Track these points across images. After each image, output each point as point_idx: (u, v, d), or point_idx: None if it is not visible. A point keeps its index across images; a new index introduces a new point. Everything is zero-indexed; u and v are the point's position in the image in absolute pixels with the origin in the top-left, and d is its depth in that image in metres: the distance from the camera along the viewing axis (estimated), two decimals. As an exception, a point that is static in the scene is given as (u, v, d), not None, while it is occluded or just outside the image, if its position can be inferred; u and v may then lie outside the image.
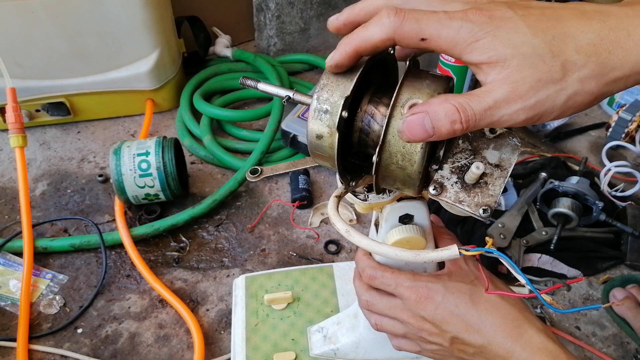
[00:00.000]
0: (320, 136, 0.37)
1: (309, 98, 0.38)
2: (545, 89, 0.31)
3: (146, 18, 0.95)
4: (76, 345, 0.70)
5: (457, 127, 0.32)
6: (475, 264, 0.48)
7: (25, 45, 0.92)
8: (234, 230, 0.87)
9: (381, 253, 0.41)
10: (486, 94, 0.32)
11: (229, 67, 1.16)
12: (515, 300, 0.46)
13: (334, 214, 0.43)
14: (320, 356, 0.63)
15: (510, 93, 0.31)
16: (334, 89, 0.36)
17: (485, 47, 0.31)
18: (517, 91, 0.31)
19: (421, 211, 0.48)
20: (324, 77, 0.37)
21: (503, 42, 0.31)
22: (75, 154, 1.00)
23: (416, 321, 0.47)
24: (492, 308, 0.44)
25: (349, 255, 0.83)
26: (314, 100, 0.37)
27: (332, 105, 0.36)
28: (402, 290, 0.47)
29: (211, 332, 0.72)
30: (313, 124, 0.37)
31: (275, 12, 1.19)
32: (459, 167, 0.39)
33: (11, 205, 0.89)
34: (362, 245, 0.42)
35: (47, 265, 0.80)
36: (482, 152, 0.39)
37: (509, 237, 0.79)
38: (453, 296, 0.45)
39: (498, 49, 0.31)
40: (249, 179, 0.45)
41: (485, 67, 0.32)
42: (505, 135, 0.38)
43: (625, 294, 0.74)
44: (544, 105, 0.31)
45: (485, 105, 0.31)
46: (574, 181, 0.85)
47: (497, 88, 0.31)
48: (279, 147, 1.00)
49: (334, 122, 0.36)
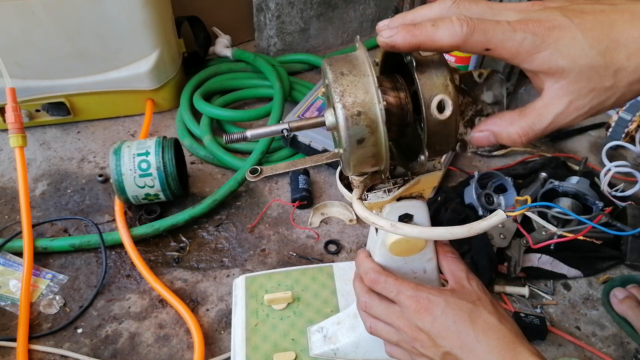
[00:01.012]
0: (362, 139, 0.38)
1: (314, 119, 0.39)
2: (597, 97, 0.34)
3: (146, 18, 0.95)
4: (76, 345, 0.70)
5: (518, 143, 0.37)
6: (479, 285, 0.49)
7: (25, 45, 0.92)
8: (234, 230, 0.87)
9: (436, 237, 0.42)
10: (546, 111, 0.36)
11: (229, 67, 1.16)
12: (512, 325, 0.46)
13: (369, 214, 0.43)
14: (320, 356, 0.63)
15: (567, 106, 0.35)
16: (354, 90, 0.37)
17: (546, 59, 0.34)
18: (574, 103, 0.35)
19: (421, 211, 0.48)
20: (334, 86, 0.37)
21: (562, 55, 0.33)
22: (75, 154, 1.00)
23: (412, 331, 0.47)
24: (489, 329, 0.45)
25: (349, 255, 0.83)
26: (340, 111, 0.37)
27: (363, 105, 0.37)
28: (403, 298, 0.47)
29: (211, 332, 0.72)
30: (351, 132, 0.37)
31: (275, 12, 1.19)
32: (469, 119, 0.40)
33: (11, 205, 0.89)
34: (414, 234, 0.42)
35: (47, 265, 0.80)
36: (481, 97, 0.41)
37: (509, 237, 0.79)
38: (452, 312, 0.45)
39: (558, 62, 0.34)
40: (249, 178, 0.45)
41: (543, 76, 0.35)
42: (491, 74, 0.41)
43: (626, 294, 0.74)
44: (594, 110, 0.35)
45: (546, 124, 0.36)
46: (574, 181, 0.85)
47: (556, 102, 0.35)
48: (279, 147, 1.00)
49: (374, 119, 0.37)
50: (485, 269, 0.75)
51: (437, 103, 0.36)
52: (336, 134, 0.43)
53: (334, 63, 0.38)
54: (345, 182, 0.49)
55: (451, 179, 0.96)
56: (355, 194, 0.45)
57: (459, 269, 0.51)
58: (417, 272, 0.53)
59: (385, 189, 0.46)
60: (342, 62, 0.39)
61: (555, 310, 0.76)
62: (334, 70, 0.38)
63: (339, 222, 0.88)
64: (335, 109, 0.37)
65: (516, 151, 1.01)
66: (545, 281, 0.79)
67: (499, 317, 0.46)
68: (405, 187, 0.46)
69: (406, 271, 0.53)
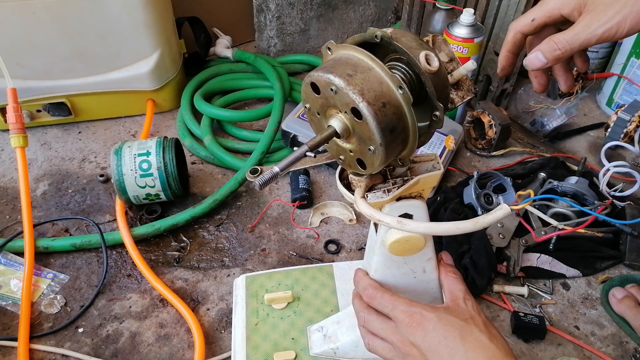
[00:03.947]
0: (393, 128, 0.39)
1: (326, 132, 0.41)
2: (612, 8, 0.46)
3: (147, 19, 0.95)
4: (77, 344, 0.71)
5: (557, 53, 0.48)
6: (475, 305, 0.50)
7: (26, 45, 0.92)
8: (235, 230, 0.87)
9: (443, 232, 0.43)
10: (571, 28, 0.48)
11: (229, 68, 1.16)
12: (503, 344, 0.47)
13: (373, 211, 0.44)
14: (320, 355, 0.63)
15: (588, 20, 0.47)
16: (370, 85, 0.38)
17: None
18: (594, 18, 0.47)
19: (420, 210, 0.48)
20: (349, 88, 0.38)
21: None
22: (76, 154, 1.01)
23: (404, 345, 0.48)
24: (479, 348, 0.45)
25: (349, 255, 0.83)
26: (366, 109, 0.37)
27: (385, 95, 0.38)
28: (397, 313, 0.48)
29: (212, 331, 0.73)
30: (383, 124, 0.38)
31: (276, 13, 1.19)
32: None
33: (12, 205, 0.90)
34: (421, 230, 0.43)
35: (48, 264, 0.80)
36: (438, 57, 0.43)
37: (508, 237, 0.79)
38: (444, 328, 0.46)
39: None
40: (249, 178, 0.45)
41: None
42: (435, 38, 0.45)
43: (625, 294, 0.74)
44: (614, 19, 0.46)
45: (572, 33, 0.48)
46: (573, 181, 0.85)
47: (578, 22, 0.48)
48: (279, 147, 1.01)
49: (398, 105, 0.38)
50: (484, 269, 0.75)
51: (424, 58, 0.39)
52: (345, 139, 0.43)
53: (334, 70, 0.39)
54: (345, 182, 0.49)
55: (450, 179, 0.96)
56: (358, 193, 0.45)
57: (458, 288, 0.52)
58: (416, 272, 0.53)
59: (385, 189, 0.46)
60: (340, 66, 0.39)
61: (554, 309, 0.76)
62: (340, 75, 0.38)
63: (339, 222, 0.89)
64: (360, 109, 0.38)
65: (515, 151, 1.01)
66: (545, 281, 0.79)
67: (490, 336, 0.46)
68: (404, 187, 0.46)
69: (406, 271, 0.53)
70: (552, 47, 0.49)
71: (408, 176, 0.46)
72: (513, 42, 0.54)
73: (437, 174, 0.47)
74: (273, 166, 0.41)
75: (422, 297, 0.55)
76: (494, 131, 0.97)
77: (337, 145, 0.45)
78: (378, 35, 0.39)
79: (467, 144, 1.04)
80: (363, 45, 0.41)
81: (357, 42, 0.41)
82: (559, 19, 0.51)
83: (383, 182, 0.46)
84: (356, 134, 0.41)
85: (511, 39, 0.54)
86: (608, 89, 1.13)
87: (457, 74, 0.45)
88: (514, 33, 0.54)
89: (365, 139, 0.40)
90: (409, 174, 0.47)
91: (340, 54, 0.40)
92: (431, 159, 0.48)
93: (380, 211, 0.48)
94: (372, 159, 0.41)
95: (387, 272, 0.53)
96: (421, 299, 0.53)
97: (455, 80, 0.46)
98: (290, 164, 0.41)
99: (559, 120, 1.04)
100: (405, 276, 0.53)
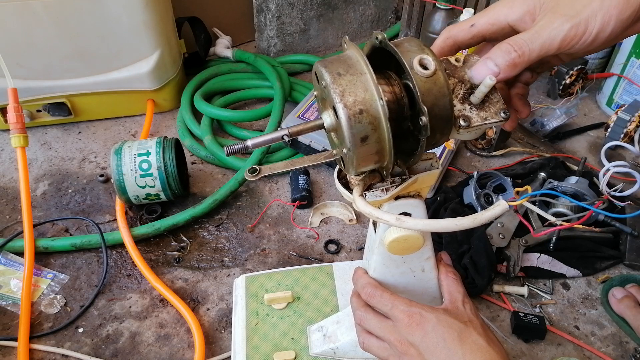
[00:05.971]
0: (366, 137, 0.38)
1: (312, 122, 0.41)
2: (579, 2, 0.38)
3: (147, 19, 0.95)
4: (77, 344, 0.71)
5: (514, 56, 0.39)
6: (473, 309, 0.50)
7: (27, 45, 0.92)
8: (235, 230, 0.87)
9: (442, 229, 0.42)
10: (530, 27, 0.40)
11: (229, 68, 1.16)
12: (500, 349, 0.47)
13: (372, 209, 0.43)
14: (320, 355, 0.63)
15: (549, 17, 0.39)
16: (354, 89, 0.37)
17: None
18: (557, 12, 0.39)
19: (418, 209, 0.48)
20: (333, 87, 0.37)
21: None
22: (77, 154, 1.01)
23: (402, 345, 0.48)
24: (477, 350, 0.45)
25: (349, 255, 0.83)
26: (342, 111, 0.37)
27: (364, 103, 0.37)
28: (396, 312, 0.48)
29: (211, 331, 0.73)
30: (354, 130, 0.37)
31: (276, 13, 1.19)
32: (462, 97, 0.41)
33: (12, 205, 0.90)
34: (419, 227, 0.43)
35: (48, 264, 0.80)
36: (465, 78, 0.42)
37: (508, 237, 0.79)
38: (443, 329, 0.46)
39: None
40: (248, 178, 0.45)
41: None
42: (468, 57, 0.43)
43: (625, 293, 0.74)
44: (582, 14, 0.38)
45: (531, 32, 0.39)
46: (573, 181, 0.85)
47: (538, 20, 0.39)
48: (279, 147, 1.01)
49: (377, 115, 0.37)
50: (484, 269, 0.75)
51: (418, 61, 0.37)
52: (335, 135, 0.43)
53: (329, 65, 0.39)
54: (344, 181, 0.49)
55: (450, 179, 0.96)
56: (357, 191, 0.46)
57: (457, 290, 0.52)
58: (415, 271, 0.53)
59: (383, 187, 0.46)
60: (336, 63, 0.39)
61: (554, 309, 0.76)
62: (330, 71, 0.38)
63: (339, 221, 0.89)
64: (337, 109, 0.37)
65: (515, 151, 1.01)
66: (544, 281, 0.79)
67: (488, 340, 0.46)
68: (403, 186, 0.46)
69: (404, 270, 0.53)
70: (506, 50, 0.39)
71: (406, 175, 0.46)
72: (441, 48, 0.44)
73: (435, 173, 0.47)
74: (247, 140, 0.42)
75: (421, 296, 0.55)
76: (493, 131, 0.97)
77: (331, 139, 0.45)
78: (378, 38, 0.39)
79: (467, 143, 1.04)
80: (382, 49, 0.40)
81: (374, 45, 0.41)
82: (506, 29, 0.42)
83: (381, 181, 0.46)
84: (338, 132, 0.41)
85: (440, 43, 0.44)
86: (608, 89, 1.13)
87: (478, 91, 0.41)
88: (445, 38, 0.44)
89: (342, 140, 0.40)
90: (407, 173, 0.47)
91: (349, 53, 0.40)
92: (429, 157, 0.48)
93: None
94: (347, 161, 0.41)
95: (386, 271, 0.53)
96: (420, 298, 0.53)
97: (479, 100, 0.41)
98: (264, 143, 0.42)
99: (559, 120, 1.04)
100: (404, 275, 0.53)
